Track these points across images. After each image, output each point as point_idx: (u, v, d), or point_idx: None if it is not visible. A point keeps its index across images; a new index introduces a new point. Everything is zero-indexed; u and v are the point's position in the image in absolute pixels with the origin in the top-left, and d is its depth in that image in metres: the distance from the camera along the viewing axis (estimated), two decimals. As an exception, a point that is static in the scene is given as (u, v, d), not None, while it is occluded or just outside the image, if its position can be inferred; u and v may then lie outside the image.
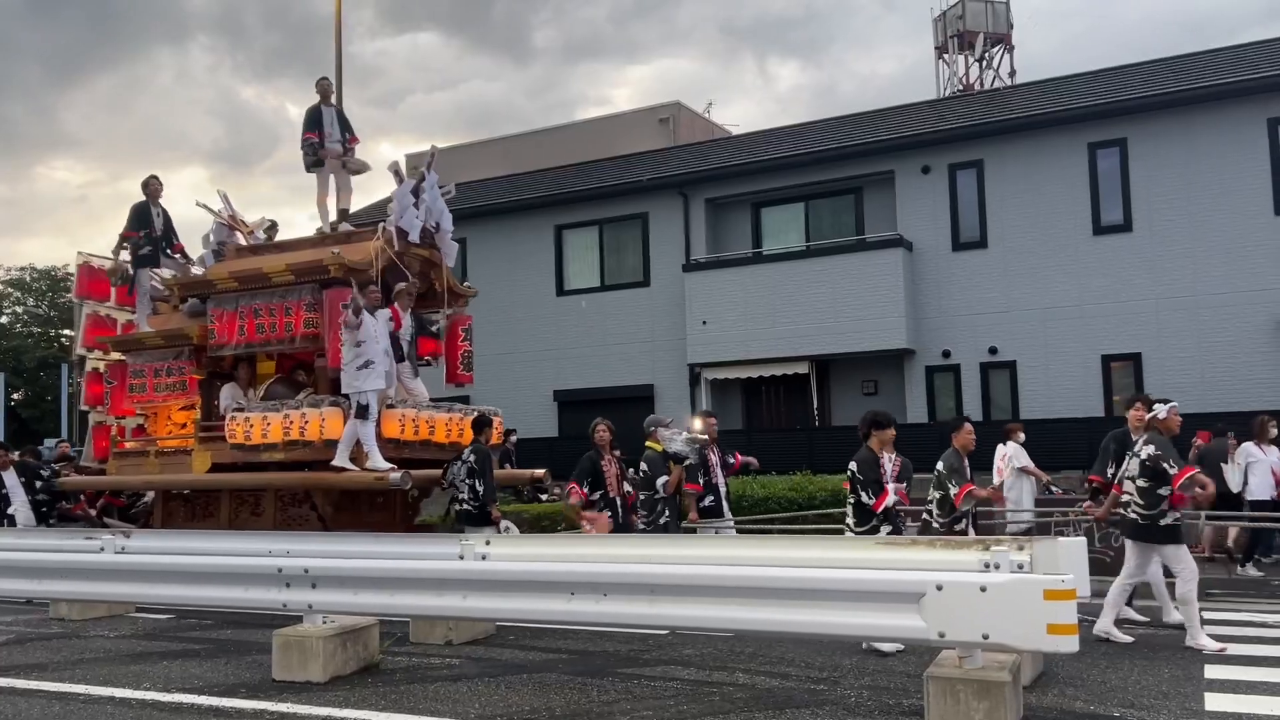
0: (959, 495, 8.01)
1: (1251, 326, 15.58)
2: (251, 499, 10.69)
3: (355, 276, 9.95)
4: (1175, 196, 16.26)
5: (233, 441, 10.14)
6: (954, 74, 31.03)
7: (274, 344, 10.56)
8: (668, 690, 6.14)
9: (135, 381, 11.46)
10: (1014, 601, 4.73)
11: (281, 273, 10.35)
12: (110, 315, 13.10)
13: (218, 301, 10.74)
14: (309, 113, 11.48)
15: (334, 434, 9.63)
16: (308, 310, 10.19)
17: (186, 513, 11.20)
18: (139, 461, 11.33)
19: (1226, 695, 5.76)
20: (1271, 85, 15.66)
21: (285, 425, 9.88)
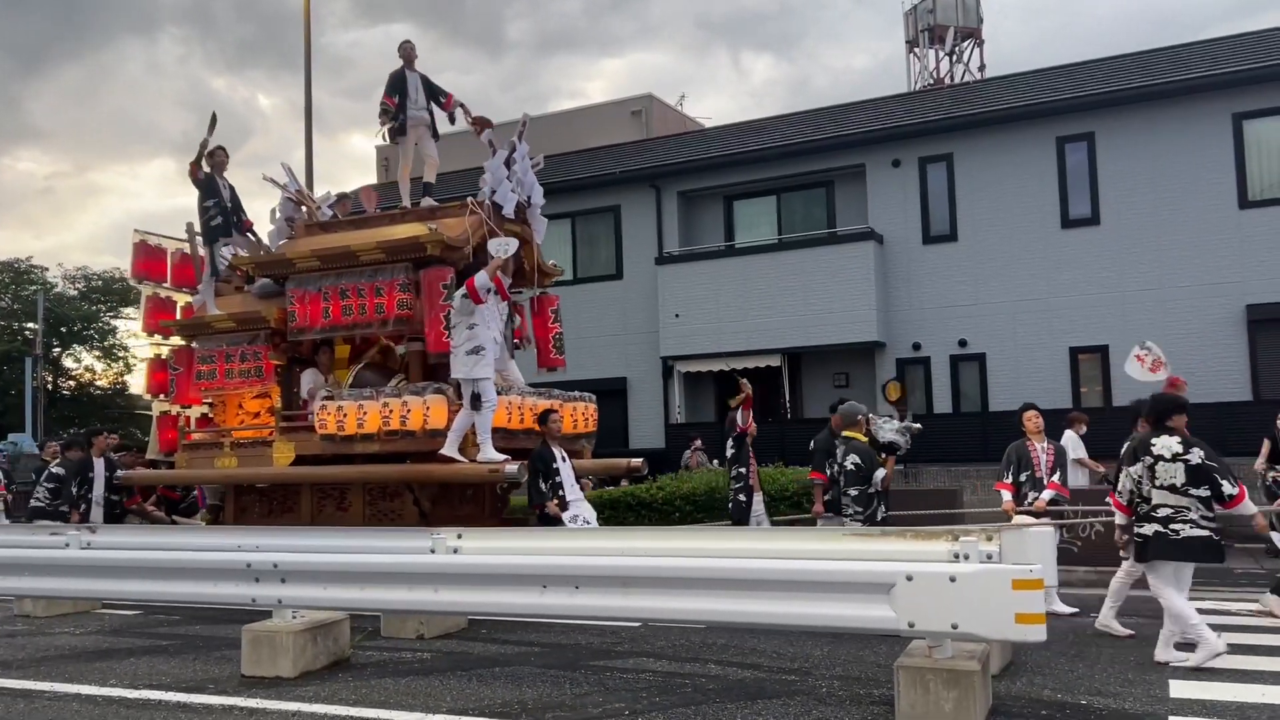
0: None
1: (1217, 319, 15.79)
2: (336, 493, 10.07)
3: (450, 254, 9.35)
4: (1142, 190, 16.43)
5: (323, 432, 9.41)
6: (925, 68, 31.21)
7: (362, 327, 9.80)
8: (640, 682, 6.15)
9: (204, 368, 10.54)
10: (983, 591, 4.77)
11: (371, 250, 9.58)
12: (170, 296, 12.03)
13: (298, 282, 9.93)
14: (392, 77, 10.55)
15: (438, 424, 8.94)
16: (401, 291, 9.43)
17: (262, 508, 10.52)
18: (211, 454, 10.52)
19: (1191, 682, 5.84)
20: (1236, 80, 15.86)
21: (384, 414, 9.11)
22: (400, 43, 10.64)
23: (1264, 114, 15.79)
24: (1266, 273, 15.42)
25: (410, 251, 9.44)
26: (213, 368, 10.47)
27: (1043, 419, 8.74)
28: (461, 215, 9.80)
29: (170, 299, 11.97)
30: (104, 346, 38.93)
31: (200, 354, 10.62)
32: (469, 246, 9.47)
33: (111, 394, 38.91)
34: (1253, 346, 15.59)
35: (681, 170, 20.29)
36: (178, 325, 11.15)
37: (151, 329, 11.85)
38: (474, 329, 8.75)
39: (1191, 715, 5.19)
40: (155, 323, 11.77)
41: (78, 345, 38.49)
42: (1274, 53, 16.27)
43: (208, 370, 10.49)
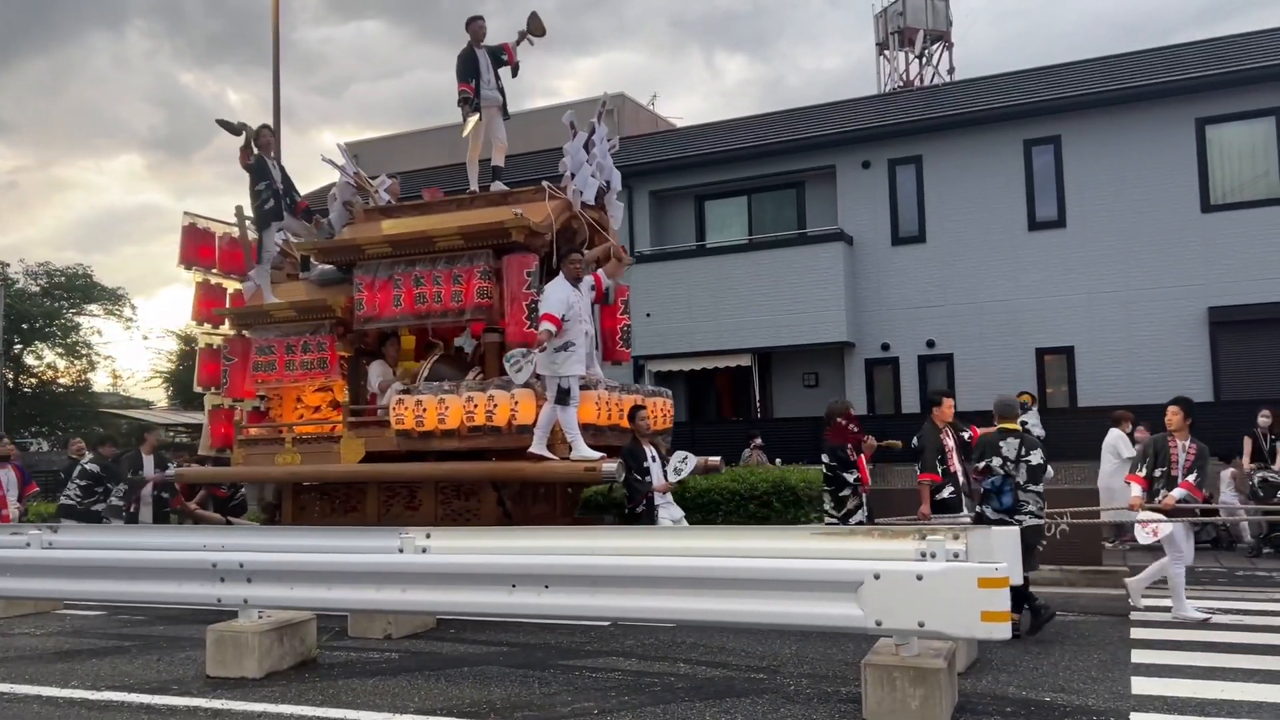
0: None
1: (1179, 320, 16.01)
2: (405, 491, 9.58)
3: (533, 241, 8.93)
4: (1107, 193, 16.63)
5: (399, 428, 8.91)
6: (895, 70, 31.41)
7: (436, 317, 9.27)
8: (609, 681, 6.15)
9: (261, 359, 9.91)
10: (949, 590, 4.81)
11: (450, 236, 9.06)
12: (219, 283, 11.37)
13: (367, 268, 9.40)
14: (462, 59, 10.02)
15: (526, 419, 8.48)
16: (481, 279, 8.94)
17: (324, 507, 9.99)
18: (272, 450, 9.90)
19: (1152, 679, 5.92)
20: (1200, 86, 16.08)
21: (468, 409, 8.63)
22: (470, 19, 10.08)
23: (1226, 119, 16.03)
24: (1228, 276, 15.66)
25: (492, 237, 8.96)
26: (271, 359, 9.87)
27: (1187, 416, 8.18)
28: (537, 200, 9.32)
29: (220, 286, 11.32)
30: (66, 344, 38.36)
31: (258, 345, 9.99)
32: (551, 233, 9.05)
33: (74, 392, 38.34)
34: (1214, 348, 15.82)
35: (653, 170, 20.30)
36: (232, 314, 10.47)
37: (202, 317, 11.19)
38: (565, 323, 8.32)
39: (1153, 711, 5.26)
40: (206, 311, 11.11)
41: (39, 342, 37.90)
42: (1236, 59, 16.52)
43: (265, 361, 9.89)
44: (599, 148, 9.81)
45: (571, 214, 9.38)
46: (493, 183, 10.13)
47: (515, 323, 8.83)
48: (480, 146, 10.28)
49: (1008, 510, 7.40)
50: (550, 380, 8.39)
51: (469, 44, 10.01)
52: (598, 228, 9.88)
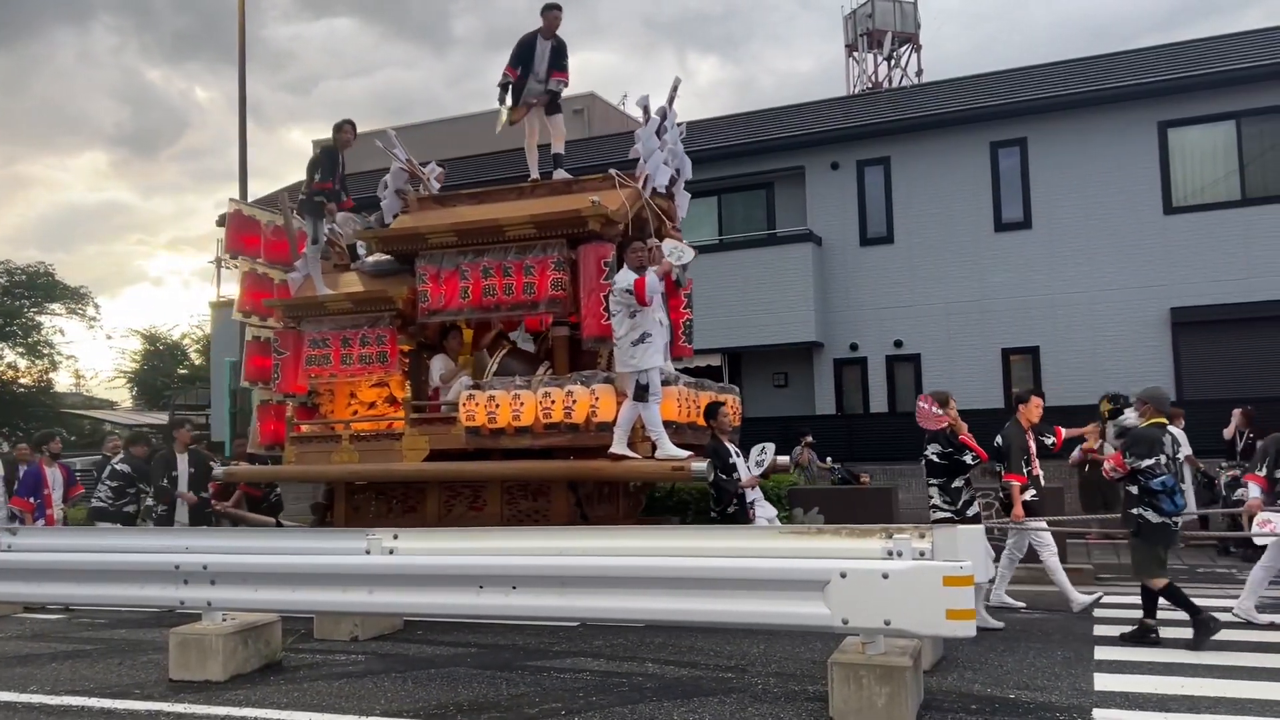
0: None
1: (1142, 321, 16.21)
2: (468, 491, 9.18)
3: (608, 230, 8.59)
4: (1072, 195, 16.81)
5: (469, 425, 8.53)
6: (864, 72, 31.61)
7: (506, 309, 8.94)
8: (577, 682, 6.14)
9: (315, 352, 9.49)
10: (915, 588, 4.85)
11: (521, 225, 8.71)
12: (266, 273, 10.87)
13: (431, 259, 9.02)
14: (520, 44, 9.66)
15: (606, 416, 8.12)
16: (555, 269, 8.58)
17: (379, 508, 9.58)
18: (326, 448, 9.45)
19: (1114, 675, 5.99)
20: (1162, 90, 16.29)
21: (545, 406, 8.29)
22: (546, 6, 9.65)
23: (1188, 122, 16.25)
24: (1190, 277, 15.87)
25: (567, 226, 8.61)
26: (326, 352, 9.46)
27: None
28: (604, 188, 8.97)
29: (267, 276, 10.82)
30: (27, 343, 37.78)
31: (311, 338, 9.56)
32: (625, 222, 8.73)
33: (35, 392, 37.78)
34: (1176, 348, 16.03)
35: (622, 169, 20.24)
36: (283, 305, 9.98)
37: (251, 309, 10.65)
38: (637, 315, 7.97)
39: (1114, 707, 5.33)
40: (254, 302, 10.58)
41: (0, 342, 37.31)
42: (1197, 63, 16.76)
43: (320, 355, 9.48)
44: (671, 134, 9.49)
45: (643, 202, 9.02)
46: (555, 170, 9.85)
47: (592, 315, 8.48)
48: (537, 133, 10.02)
49: (1179, 511, 7.00)
50: (629, 375, 8.03)
51: (534, 31, 9.64)
52: (665, 217, 9.51)
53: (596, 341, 8.68)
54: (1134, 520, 7.03)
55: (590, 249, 8.59)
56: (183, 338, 44.07)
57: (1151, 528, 6.96)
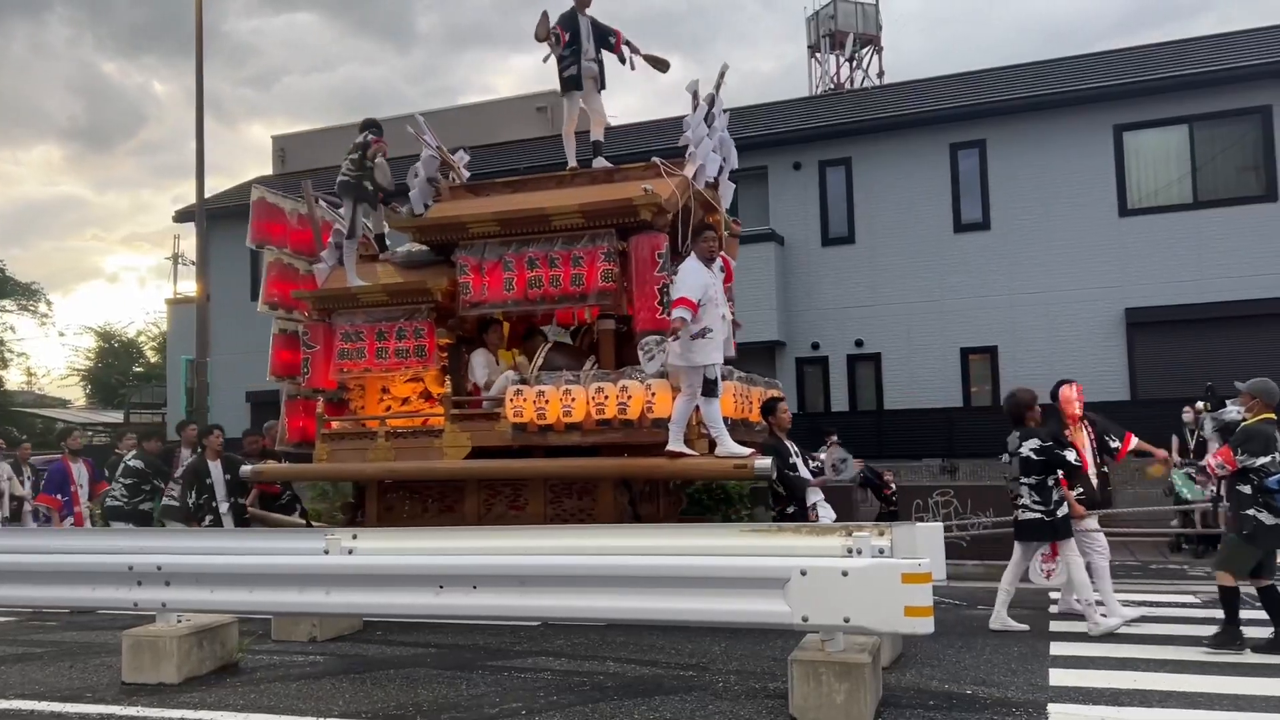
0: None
1: (1097, 322, 16.47)
2: (508, 490, 8.80)
3: (658, 219, 8.27)
4: (1029, 197, 17.03)
5: (517, 421, 8.19)
6: (826, 73, 31.80)
7: (552, 302, 8.57)
8: (538, 682, 6.12)
9: (349, 346, 9.12)
10: (874, 585, 4.87)
11: (569, 214, 8.36)
12: (292, 264, 10.35)
13: (473, 249, 8.67)
14: (565, 18, 9.32)
15: (663, 412, 7.79)
16: (605, 260, 8.24)
17: (414, 507, 9.14)
18: (360, 445, 9.05)
19: (1069, 671, 6.08)
20: (1118, 93, 16.56)
21: (597, 401, 7.96)
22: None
23: (1142, 126, 16.53)
24: (1144, 278, 16.14)
25: (618, 215, 8.26)
26: (359, 346, 9.09)
27: None
28: (648, 177, 8.66)
29: (293, 266, 10.30)
30: (-24, 341, 37.04)
31: (344, 331, 9.19)
32: (677, 212, 8.40)
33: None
34: (1131, 348, 16.30)
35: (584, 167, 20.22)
36: (313, 297, 9.51)
37: (276, 300, 10.11)
38: (701, 307, 7.54)
39: (1069, 702, 5.40)
40: (281, 293, 10.08)
41: (-52, 339, 36.55)
42: (1152, 68, 17.05)
43: (353, 349, 9.11)
44: (719, 121, 9.21)
45: (691, 191, 8.68)
46: (595, 158, 9.53)
47: (646, 308, 8.09)
48: (576, 120, 9.73)
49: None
50: (688, 370, 7.63)
51: (572, 8, 9.35)
52: (710, 207, 9.15)
53: (649, 335, 8.18)
54: (1249, 521, 6.57)
55: (644, 239, 8.22)
56: (138, 335, 43.46)
57: (1266, 530, 6.51)
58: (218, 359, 19.76)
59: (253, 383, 20.93)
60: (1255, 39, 17.55)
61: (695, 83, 9.15)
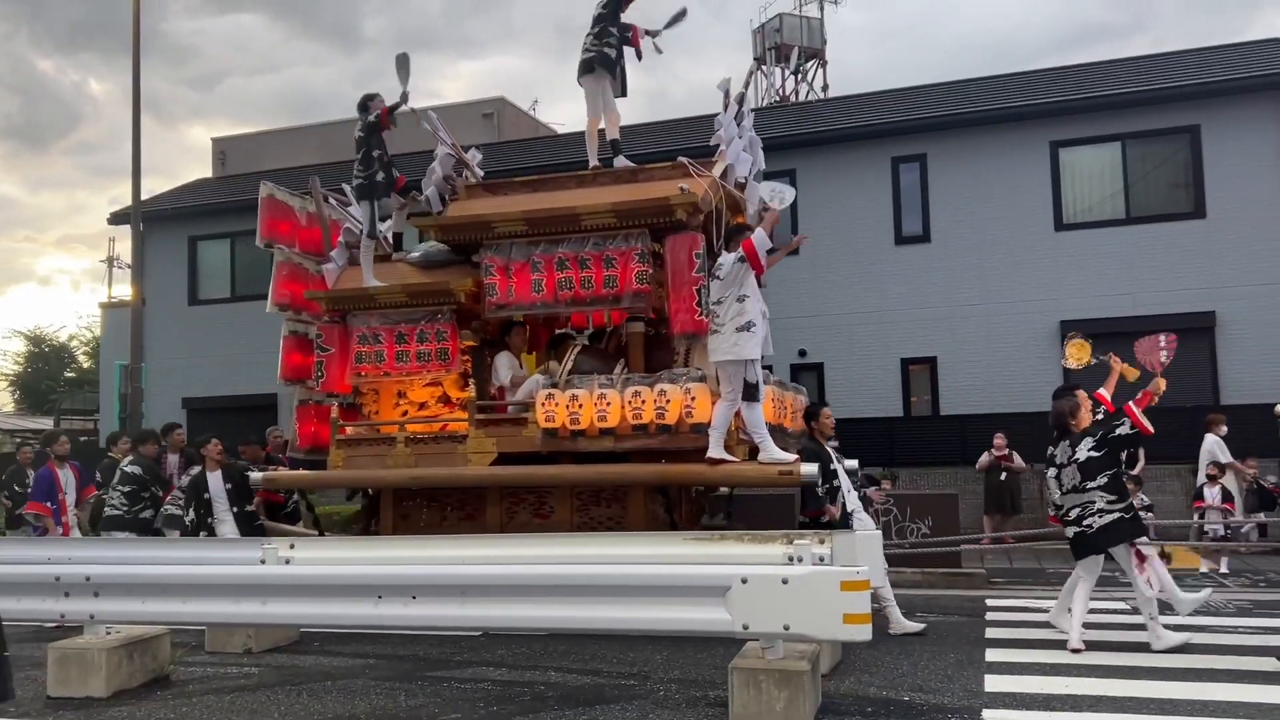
0: None
1: (1034, 333, 16.79)
2: (532, 498, 8.62)
3: (693, 219, 8.10)
4: (968, 211, 17.33)
5: (548, 426, 7.94)
6: (771, 85, 32.10)
7: (584, 303, 8.38)
8: (478, 692, 6.07)
9: (365, 349, 8.85)
10: (813, 593, 4.92)
11: (601, 214, 8.15)
12: (302, 264, 10.01)
13: (499, 249, 8.44)
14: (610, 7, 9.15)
15: (702, 417, 7.57)
16: (639, 261, 8.05)
17: (432, 515, 8.88)
18: (378, 451, 8.77)
19: (1004, 676, 6.18)
20: (1054, 111, 16.92)
21: (634, 406, 7.71)
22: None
23: (1078, 143, 16.91)
24: (1078, 292, 16.50)
25: (652, 215, 8.07)
26: (378, 349, 8.83)
27: None
28: (674, 177, 8.50)
29: (303, 266, 9.97)
30: (-100, 343, 35.86)
31: (361, 333, 8.93)
32: (710, 212, 8.23)
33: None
34: (1066, 360, 16.65)
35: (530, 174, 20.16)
36: (328, 298, 9.19)
37: (289, 302, 9.76)
38: (744, 300, 7.35)
39: (1003, 708, 5.49)
40: (291, 293, 9.73)
41: None
42: (1088, 86, 17.46)
43: (371, 352, 8.84)
44: (747, 121, 9.10)
45: (721, 192, 8.53)
46: (615, 157, 9.44)
47: (685, 310, 7.93)
48: (600, 118, 9.64)
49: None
50: (732, 367, 7.42)
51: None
52: (736, 208, 9.00)
53: (687, 338, 8.12)
54: None
55: (681, 239, 8.05)
56: (70, 339, 42.32)
57: None
58: (153, 364, 19.36)
59: (190, 389, 20.57)
60: (1186, 60, 18.07)
61: (727, 81, 9.07)
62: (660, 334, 8.67)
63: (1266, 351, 15.21)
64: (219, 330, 20.59)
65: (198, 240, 21.41)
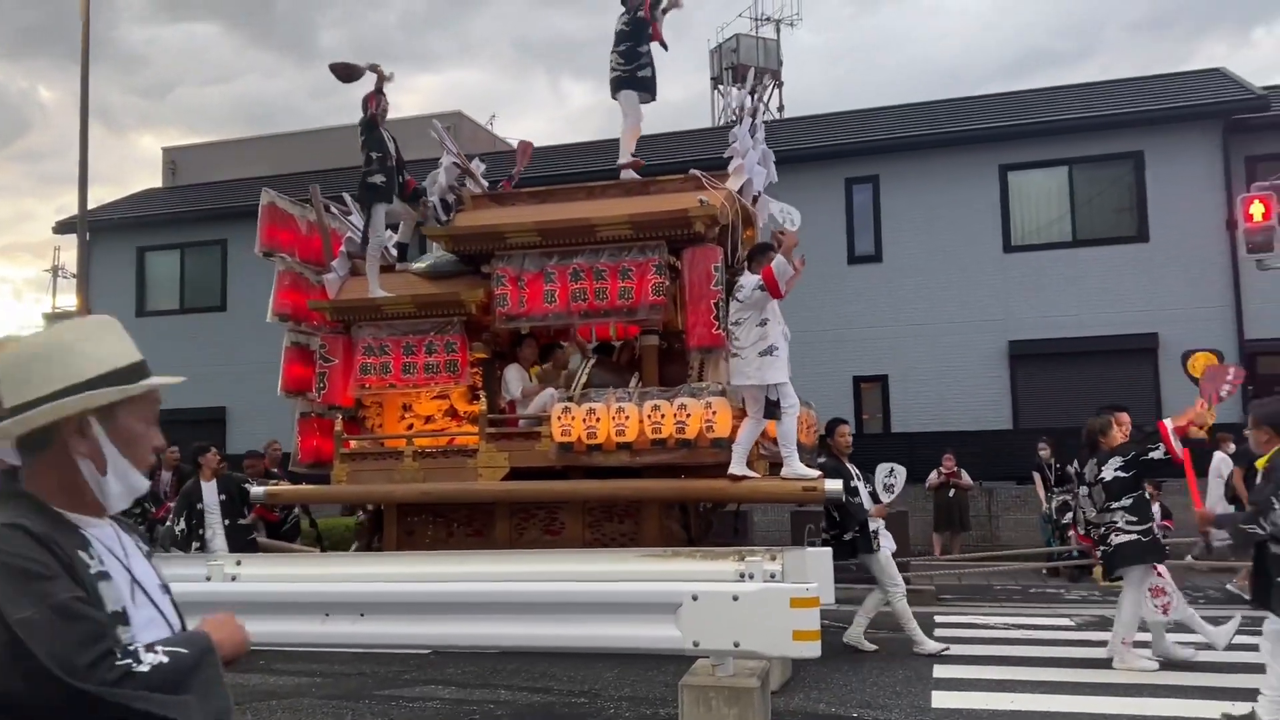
0: None
1: (982, 353, 17.05)
2: (543, 514, 8.40)
3: (711, 232, 7.98)
4: (919, 231, 17.58)
5: (563, 440, 7.76)
6: (728, 105, 32.38)
7: (598, 316, 8.23)
8: (427, 711, 6.01)
9: (372, 360, 8.66)
10: (763, 610, 4.94)
11: (617, 225, 8.03)
12: (303, 273, 9.73)
13: (511, 260, 8.30)
14: (634, 23, 8.98)
15: (723, 432, 7.46)
16: (656, 274, 7.92)
17: (438, 531, 8.58)
18: (384, 466, 8.56)
19: (951, 693, 6.25)
20: (1004, 135, 17.25)
21: (653, 420, 7.55)
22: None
23: (1026, 167, 17.24)
24: (1026, 312, 16.79)
25: (670, 227, 7.97)
26: (384, 360, 8.63)
27: None
28: (685, 189, 8.37)
29: (305, 275, 9.70)
30: None
31: (366, 344, 8.73)
32: (727, 224, 8.15)
33: None
34: (1013, 380, 16.91)
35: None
36: (332, 308, 8.94)
37: (290, 312, 9.45)
38: (765, 325, 7.31)
39: (950, 723, 5.56)
40: (292, 304, 9.46)
41: None
42: (1036, 111, 17.83)
43: (377, 364, 8.65)
44: (760, 134, 9.05)
45: (736, 205, 8.43)
46: (626, 169, 9.31)
47: (703, 324, 7.82)
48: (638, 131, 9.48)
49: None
50: (751, 389, 7.38)
51: (636, 13, 9.08)
52: (748, 221, 8.95)
53: (703, 352, 8.04)
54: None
55: (700, 252, 7.95)
56: (12, 350, 41.32)
57: None
58: (98, 377, 18.99)
59: (135, 402, 20.18)
60: (1131, 88, 18.52)
61: (744, 94, 9.13)
62: (672, 348, 8.64)
63: (1207, 373, 15.58)
64: (167, 342, 20.24)
65: (146, 251, 21.08)
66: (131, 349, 1.82)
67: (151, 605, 1.78)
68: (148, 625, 1.72)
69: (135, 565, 1.80)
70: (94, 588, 1.63)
